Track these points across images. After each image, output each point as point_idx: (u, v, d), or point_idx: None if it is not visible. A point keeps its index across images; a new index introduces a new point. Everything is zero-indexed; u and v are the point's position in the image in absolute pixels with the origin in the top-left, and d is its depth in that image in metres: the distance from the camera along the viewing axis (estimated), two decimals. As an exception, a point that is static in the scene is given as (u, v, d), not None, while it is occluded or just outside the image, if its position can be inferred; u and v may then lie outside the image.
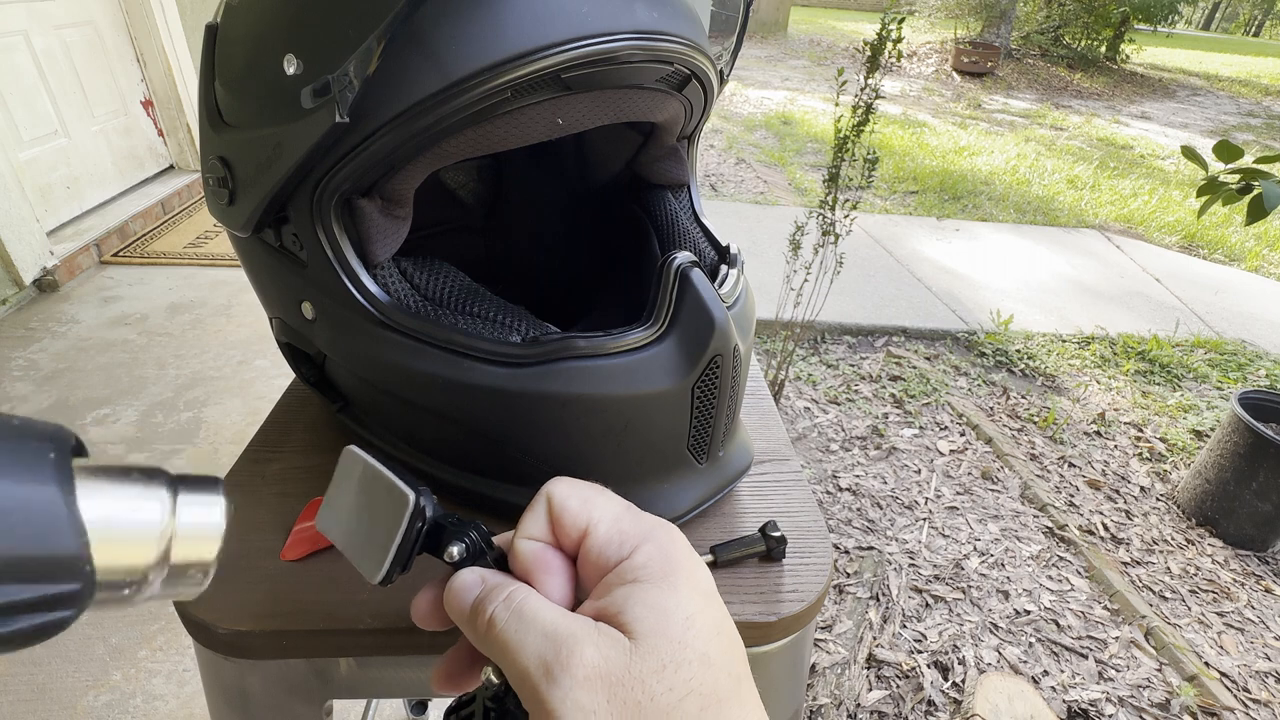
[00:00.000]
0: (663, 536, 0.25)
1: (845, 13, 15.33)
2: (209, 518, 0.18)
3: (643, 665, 0.21)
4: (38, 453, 0.15)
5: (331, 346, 0.43)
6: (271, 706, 0.42)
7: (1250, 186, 1.23)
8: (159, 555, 0.17)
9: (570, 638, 0.22)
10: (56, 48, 2.37)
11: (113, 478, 0.17)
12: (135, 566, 0.17)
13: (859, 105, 1.55)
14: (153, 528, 0.17)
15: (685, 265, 0.39)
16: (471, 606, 0.24)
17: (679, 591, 0.23)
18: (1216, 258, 3.46)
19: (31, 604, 0.14)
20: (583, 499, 0.26)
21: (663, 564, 0.24)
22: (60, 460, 0.15)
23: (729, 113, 5.61)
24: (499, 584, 0.25)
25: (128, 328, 2.03)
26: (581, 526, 0.26)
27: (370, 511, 0.26)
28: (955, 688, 1.25)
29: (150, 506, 0.17)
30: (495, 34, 0.33)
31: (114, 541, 0.16)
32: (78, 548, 0.15)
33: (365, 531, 0.26)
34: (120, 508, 0.16)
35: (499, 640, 0.23)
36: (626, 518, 0.26)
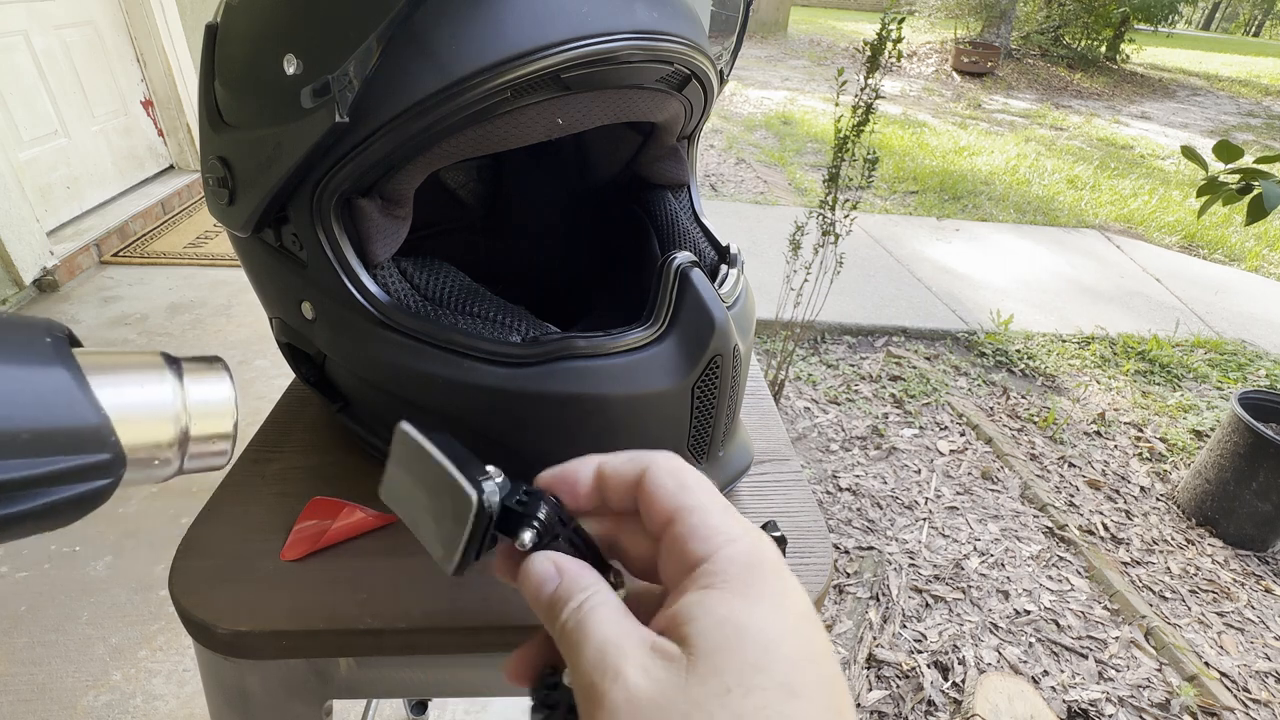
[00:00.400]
0: (752, 541, 0.23)
1: (845, 13, 15.33)
2: (218, 391, 0.19)
3: (702, 689, 0.19)
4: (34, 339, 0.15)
5: (331, 346, 0.43)
6: (271, 706, 0.42)
7: (1250, 186, 1.23)
8: (178, 429, 0.18)
9: (619, 656, 0.20)
10: (56, 48, 2.37)
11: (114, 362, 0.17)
12: (158, 440, 0.18)
13: (859, 105, 1.55)
14: (166, 402, 0.18)
15: (685, 265, 0.39)
16: (548, 601, 0.23)
17: (760, 606, 0.21)
18: (1216, 258, 3.46)
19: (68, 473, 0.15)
20: (679, 483, 0.24)
21: (745, 571, 0.21)
22: (59, 345, 0.16)
23: (729, 113, 5.61)
24: (573, 580, 0.23)
25: (128, 328, 2.03)
26: (668, 513, 0.23)
27: (433, 498, 0.25)
28: (955, 688, 1.25)
29: (159, 383, 0.18)
30: (495, 34, 0.33)
31: (131, 419, 0.17)
32: (98, 419, 0.16)
33: (431, 519, 0.25)
34: (130, 386, 0.17)
35: (565, 643, 0.22)
36: (718, 514, 0.23)
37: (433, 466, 0.24)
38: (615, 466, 0.26)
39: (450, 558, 0.24)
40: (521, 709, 1.15)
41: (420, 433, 0.26)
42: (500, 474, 0.25)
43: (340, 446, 0.51)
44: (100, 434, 0.15)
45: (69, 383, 0.15)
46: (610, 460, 0.26)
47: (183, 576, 0.40)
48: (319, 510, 0.44)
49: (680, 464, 0.25)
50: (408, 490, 0.26)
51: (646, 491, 0.24)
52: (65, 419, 0.15)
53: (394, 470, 0.27)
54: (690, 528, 0.23)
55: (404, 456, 0.26)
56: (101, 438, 0.16)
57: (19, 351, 0.15)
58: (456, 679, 0.44)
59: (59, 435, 0.15)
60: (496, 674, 0.44)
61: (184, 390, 0.18)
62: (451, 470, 0.24)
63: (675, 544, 0.23)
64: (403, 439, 0.26)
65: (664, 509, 0.24)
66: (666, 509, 0.23)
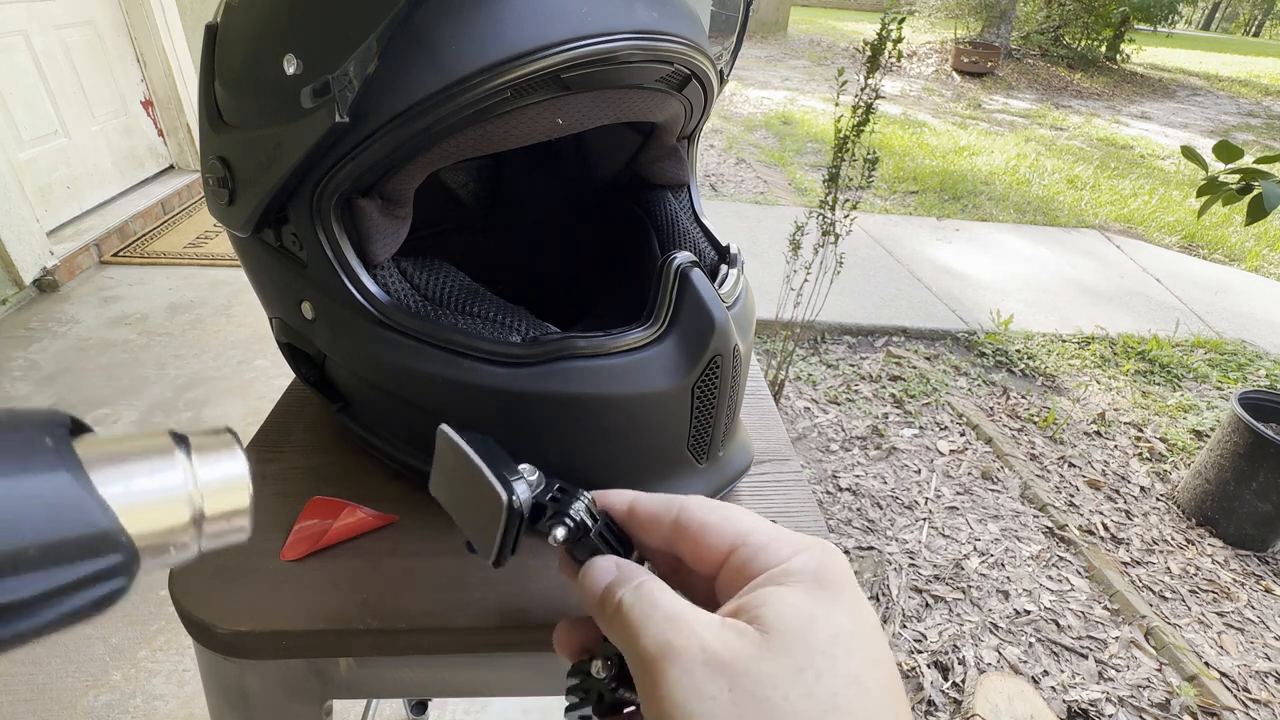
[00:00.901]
0: (824, 548, 0.23)
1: (845, 13, 15.33)
2: (230, 466, 0.18)
3: (776, 663, 0.19)
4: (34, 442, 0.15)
5: (331, 346, 0.43)
6: (271, 706, 0.42)
7: (1250, 186, 1.23)
8: (192, 514, 0.17)
9: (694, 622, 0.21)
10: (56, 48, 2.37)
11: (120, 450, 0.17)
12: (172, 528, 0.17)
13: (859, 105, 1.55)
14: (177, 486, 0.17)
15: (685, 265, 0.39)
16: (603, 590, 0.24)
17: (835, 605, 0.21)
18: (1216, 258, 3.46)
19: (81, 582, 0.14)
20: (724, 516, 0.25)
21: (819, 573, 0.22)
22: (60, 445, 0.15)
23: (729, 113, 5.61)
24: (632, 572, 0.24)
25: (128, 328, 2.03)
26: (728, 541, 0.24)
27: (472, 493, 0.26)
28: (955, 688, 1.25)
29: (168, 468, 0.17)
30: (495, 34, 0.33)
31: (142, 509, 0.16)
32: (107, 522, 0.15)
33: (471, 512, 0.26)
34: (138, 477, 0.17)
35: (624, 621, 0.22)
36: (782, 532, 0.24)
37: (469, 466, 0.26)
38: (648, 507, 0.27)
39: (490, 550, 0.25)
40: (521, 709, 1.15)
41: (458, 434, 0.27)
42: (535, 471, 0.27)
43: (340, 446, 0.51)
44: (110, 536, 0.15)
45: (74, 488, 0.15)
46: (642, 499, 0.27)
47: (182, 576, 0.40)
48: (319, 510, 0.44)
49: (716, 501, 0.26)
50: (451, 486, 0.28)
51: (692, 530, 0.25)
52: (73, 528, 0.14)
53: (439, 468, 0.28)
54: (757, 547, 0.24)
55: (445, 456, 0.28)
56: (112, 540, 0.15)
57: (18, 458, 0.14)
58: (456, 679, 0.44)
59: (68, 545, 0.14)
60: (496, 674, 0.44)
61: (194, 470, 0.18)
62: (485, 470, 0.25)
63: (743, 566, 0.24)
64: (444, 440, 0.28)
65: (721, 541, 0.24)
66: (724, 540, 0.24)
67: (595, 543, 0.26)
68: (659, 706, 0.20)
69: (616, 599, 0.23)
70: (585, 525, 0.26)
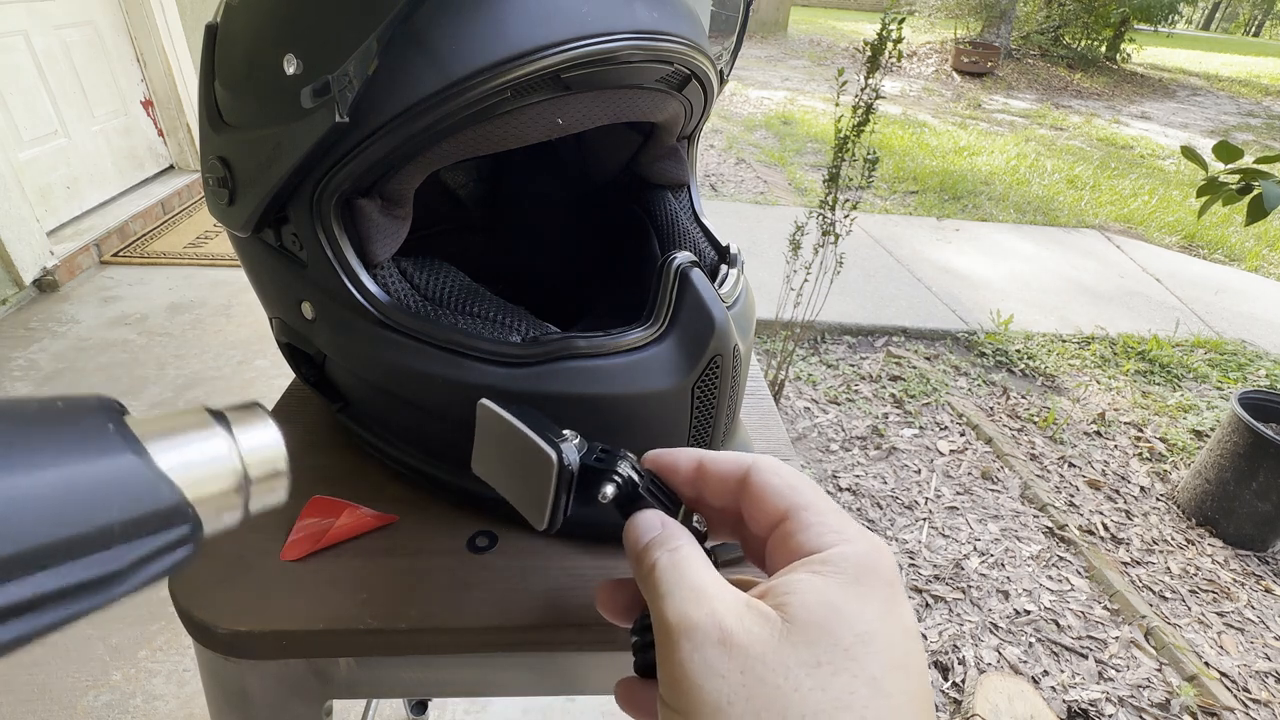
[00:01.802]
0: (871, 544, 0.23)
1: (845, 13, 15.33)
2: (266, 434, 0.20)
3: (793, 654, 0.19)
4: (99, 427, 0.16)
5: (331, 346, 0.43)
6: (271, 706, 0.42)
7: (1250, 187, 1.23)
8: (240, 478, 0.19)
9: (716, 599, 0.21)
10: (56, 48, 2.37)
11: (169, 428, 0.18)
12: (226, 494, 0.19)
13: (859, 105, 1.55)
14: (225, 458, 0.19)
15: (685, 265, 0.39)
16: (644, 545, 0.24)
17: (865, 602, 0.21)
18: (1216, 258, 3.46)
19: (160, 550, 0.16)
20: (788, 483, 0.25)
21: (858, 569, 0.21)
22: (120, 429, 0.17)
23: (729, 113, 5.61)
24: (674, 533, 0.25)
25: (128, 328, 2.03)
26: (783, 508, 0.24)
27: (519, 464, 0.27)
28: (955, 688, 1.25)
29: (214, 441, 0.19)
30: (495, 34, 0.33)
31: (199, 480, 0.18)
32: (175, 496, 0.17)
33: (520, 482, 0.27)
34: (190, 451, 0.18)
35: (654, 583, 0.23)
36: (834, 514, 0.24)
37: (514, 434, 0.27)
38: (718, 463, 0.27)
39: (541, 515, 0.26)
40: (521, 709, 1.15)
41: (499, 406, 0.28)
42: (576, 435, 0.27)
43: (340, 446, 0.51)
44: (180, 508, 0.17)
45: (142, 468, 0.16)
46: (712, 456, 0.28)
47: (183, 576, 0.40)
48: (319, 510, 0.44)
49: (784, 465, 0.26)
50: (496, 460, 0.28)
51: (755, 489, 0.25)
52: (148, 504, 0.16)
53: (481, 444, 0.29)
54: (805, 523, 0.24)
55: (488, 430, 0.28)
56: (181, 511, 0.17)
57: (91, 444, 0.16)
58: (456, 679, 0.44)
59: (146, 519, 0.16)
60: (496, 674, 0.44)
61: (235, 440, 0.19)
62: (531, 434, 0.26)
63: (788, 539, 0.24)
64: (485, 413, 0.28)
65: (777, 506, 0.25)
66: (780, 506, 0.24)
67: (646, 499, 0.27)
68: (671, 674, 0.20)
69: (652, 560, 0.23)
70: (633, 481, 0.26)
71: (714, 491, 0.27)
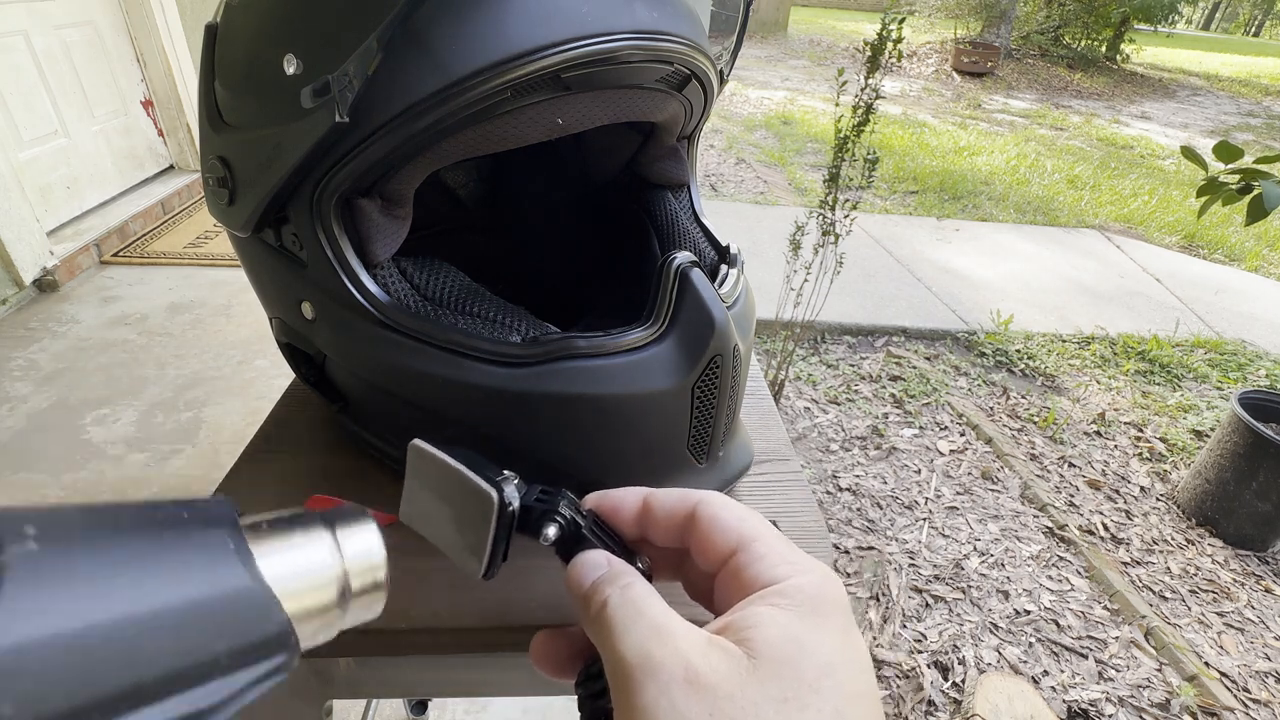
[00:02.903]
0: (823, 575, 0.23)
1: (845, 13, 15.33)
2: (370, 544, 0.19)
3: (760, 691, 0.19)
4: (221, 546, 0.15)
5: (331, 346, 0.43)
6: (271, 706, 0.42)
7: (1250, 186, 1.23)
8: (339, 593, 0.18)
9: (679, 636, 0.20)
10: (56, 48, 2.37)
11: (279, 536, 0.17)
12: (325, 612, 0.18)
13: (859, 105, 1.55)
14: (329, 571, 0.18)
15: (685, 265, 0.39)
16: (591, 584, 0.23)
17: (824, 633, 0.21)
18: (1216, 258, 3.46)
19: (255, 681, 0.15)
20: (738, 516, 0.25)
21: (815, 600, 0.21)
22: (240, 547, 0.16)
23: (729, 113, 5.61)
24: (622, 570, 0.24)
25: (128, 328, 2.03)
26: (732, 542, 0.24)
27: (453, 508, 0.25)
28: (955, 688, 1.25)
29: (320, 553, 0.18)
30: (495, 34, 0.33)
31: (301, 596, 0.17)
32: (282, 624, 0.16)
33: (454, 529, 0.25)
34: (297, 564, 0.17)
35: (607, 621, 0.21)
36: (784, 546, 0.24)
37: (451, 475, 0.25)
38: (663, 502, 0.27)
39: (479, 561, 0.24)
40: (521, 709, 1.15)
41: (434, 446, 0.26)
42: (515, 476, 0.26)
43: (340, 446, 0.51)
44: (284, 636, 0.16)
45: (257, 594, 0.15)
46: (658, 495, 0.27)
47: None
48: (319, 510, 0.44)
49: (729, 499, 0.26)
50: (428, 505, 0.26)
51: (704, 524, 0.25)
52: (257, 633, 0.15)
53: (412, 487, 0.27)
54: (757, 555, 0.23)
55: (421, 471, 0.26)
56: (284, 639, 0.16)
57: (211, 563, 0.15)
58: (456, 679, 0.44)
59: (252, 648, 0.15)
60: (496, 674, 0.44)
61: (341, 550, 0.18)
62: (470, 475, 0.24)
63: (740, 572, 0.23)
64: (418, 454, 0.26)
65: (726, 540, 0.24)
66: (729, 540, 0.24)
67: (588, 538, 0.26)
68: (631, 718, 0.19)
69: (603, 597, 0.22)
70: (575, 523, 0.25)
71: (660, 529, 0.26)
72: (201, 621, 0.14)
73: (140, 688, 0.13)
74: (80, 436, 1.61)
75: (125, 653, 0.13)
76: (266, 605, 0.15)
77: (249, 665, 0.15)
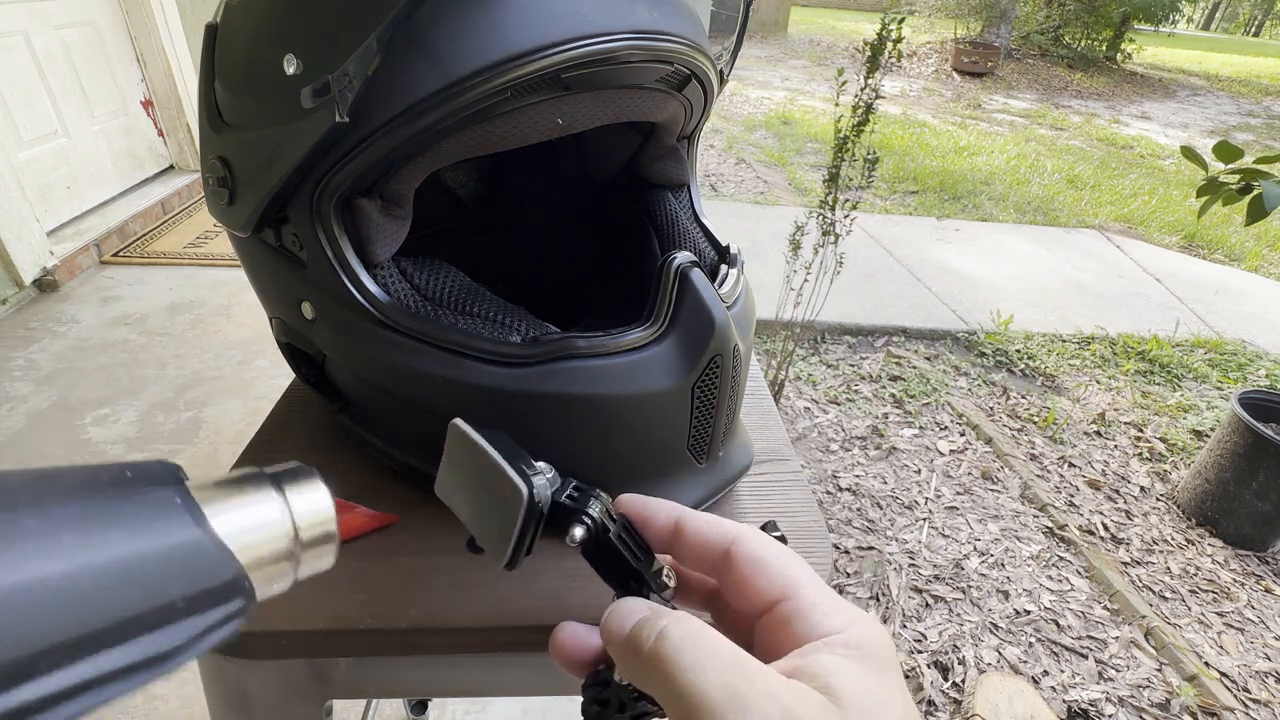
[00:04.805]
0: (877, 626, 0.23)
1: (845, 13, 15.33)
2: (318, 499, 0.20)
3: None
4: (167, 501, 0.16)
5: (331, 346, 0.43)
6: (271, 706, 0.42)
7: (1250, 186, 1.23)
8: (292, 545, 0.19)
9: (767, 674, 0.20)
10: (56, 48, 2.37)
11: (227, 494, 0.18)
12: (278, 563, 0.19)
13: (859, 105, 1.55)
14: (280, 525, 0.19)
15: (685, 265, 0.39)
16: (635, 624, 0.22)
17: (893, 689, 0.21)
18: (1216, 258, 3.46)
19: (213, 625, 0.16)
20: (782, 560, 0.24)
21: (878, 652, 0.22)
22: (186, 501, 0.16)
23: (729, 113, 5.61)
24: (666, 612, 0.23)
25: (128, 328, 2.03)
26: (779, 586, 0.23)
27: (486, 492, 0.25)
28: (955, 688, 1.25)
29: (269, 508, 0.19)
30: (495, 34, 0.33)
31: (255, 549, 0.18)
32: (235, 570, 0.16)
33: (485, 512, 0.25)
34: (247, 519, 0.18)
35: (668, 657, 0.20)
36: (832, 594, 0.24)
37: (485, 461, 0.25)
38: (700, 530, 0.26)
39: (503, 551, 0.24)
40: (521, 709, 1.15)
41: (473, 429, 0.26)
42: (551, 469, 0.26)
43: (340, 446, 0.51)
44: (238, 583, 0.17)
45: (208, 543, 0.16)
46: (694, 521, 0.26)
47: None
48: (319, 510, 0.44)
49: (771, 539, 0.25)
50: (462, 486, 0.26)
51: (745, 564, 0.24)
52: (210, 579, 0.16)
53: (448, 466, 0.27)
54: (809, 603, 0.23)
55: (457, 452, 0.26)
56: (239, 585, 0.17)
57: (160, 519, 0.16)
58: (456, 679, 0.44)
59: (207, 594, 0.16)
60: (496, 674, 0.44)
61: (289, 505, 0.19)
62: (503, 465, 0.24)
63: (792, 619, 0.23)
64: (456, 435, 0.26)
65: (771, 585, 0.24)
66: (775, 584, 0.24)
67: (615, 544, 0.25)
68: None
69: (655, 630, 0.21)
70: (605, 526, 0.25)
71: (691, 556, 0.26)
72: (151, 571, 0.15)
73: (96, 634, 0.13)
74: (80, 436, 1.61)
75: (75, 602, 0.13)
76: (216, 554, 0.16)
77: (205, 610, 0.16)
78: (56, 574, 0.13)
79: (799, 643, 0.22)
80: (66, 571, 0.13)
